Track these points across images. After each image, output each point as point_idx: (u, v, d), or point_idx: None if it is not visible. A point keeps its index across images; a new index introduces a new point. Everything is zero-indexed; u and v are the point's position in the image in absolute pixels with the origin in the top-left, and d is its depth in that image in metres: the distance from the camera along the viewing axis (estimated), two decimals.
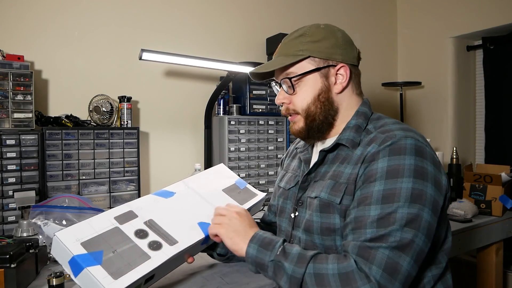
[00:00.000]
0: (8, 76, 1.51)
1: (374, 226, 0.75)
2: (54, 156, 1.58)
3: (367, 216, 0.77)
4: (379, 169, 0.80)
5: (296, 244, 0.94)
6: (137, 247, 0.86)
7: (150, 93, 2.05)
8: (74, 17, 1.85)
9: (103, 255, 0.81)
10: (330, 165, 0.93)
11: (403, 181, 0.77)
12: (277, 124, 2.16)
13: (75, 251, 0.79)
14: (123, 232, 0.88)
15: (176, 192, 1.07)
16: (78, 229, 0.85)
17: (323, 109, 0.92)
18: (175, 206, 1.02)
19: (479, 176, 1.90)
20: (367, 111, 0.95)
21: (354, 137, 0.90)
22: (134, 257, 0.83)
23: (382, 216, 0.76)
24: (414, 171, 0.78)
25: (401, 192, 0.76)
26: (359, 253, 0.74)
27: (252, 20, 2.39)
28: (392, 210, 0.75)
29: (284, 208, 1.03)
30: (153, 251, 0.87)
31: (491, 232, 1.81)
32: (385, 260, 0.72)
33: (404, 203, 0.75)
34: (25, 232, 1.40)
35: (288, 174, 1.08)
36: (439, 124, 2.83)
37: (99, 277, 0.76)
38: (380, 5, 3.04)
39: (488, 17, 2.50)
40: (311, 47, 0.91)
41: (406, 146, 0.80)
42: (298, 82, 0.93)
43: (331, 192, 0.87)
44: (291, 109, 0.95)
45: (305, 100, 0.93)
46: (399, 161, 0.79)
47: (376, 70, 2.96)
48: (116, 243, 0.85)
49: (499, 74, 2.61)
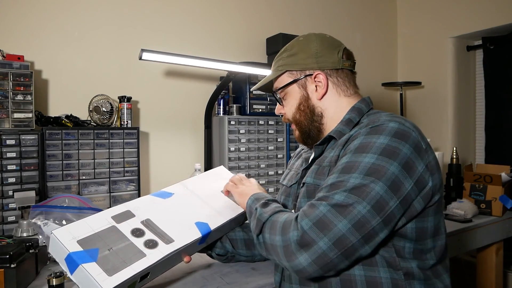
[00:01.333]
0: (8, 76, 1.51)
1: (326, 191, 0.79)
2: (54, 156, 1.58)
3: (324, 183, 0.82)
4: (352, 145, 0.83)
5: None
6: (132, 245, 0.87)
7: (150, 93, 2.05)
8: (74, 17, 1.85)
9: (99, 253, 0.82)
10: None
11: (367, 156, 0.79)
12: (277, 124, 2.16)
13: (71, 248, 0.81)
14: (120, 230, 0.90)
15: (174, 193, 1.08)
16: (75, 227, 0.86)
17: (306, 117, 0.99)
18: (173, 207, 1.03)
19: (479, 176, 1.90)
20: (363, 107, 0.96)
21: (342, 129, 0.93)
22: (130, 255, 0.85)
23: (334, 182, 0.79)
24: (382, 149, 0.78)
25: (360, 165, 0.78)
26: (304, 209, 0.79)
27: (252, 20, 2.39)
28: (344, 179, 0.78)
29: (285, 206, 1.04)
30: (149, 249, 0.88)
31: (491, 232, 1.81)
32: (320, 216, 0.75)
33: (358, 175, 0.77)
34: (25, 232, 1.40)
35: (291, 172, 1.11)
36: (439, 124, 2.83)
37: (94, 273, 0.78)
38: (380, 5, 3.04)
39: (488, 17, 2.50)
40: (288, 61, 0.99)
41: (385, 127, 0.81)
42: (283, 95, 1.02)
43: (316, 176, 0.91)
44: (286, 119, 1.04)
45: (290, 111, 1.02)
46: (372, 139, 0.81)
47: (376, 70, 2.96)
48: (112, 241, 0.86)
49: (499, 74, 2.61)
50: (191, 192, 1.11)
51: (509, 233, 1.90)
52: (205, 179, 1.20)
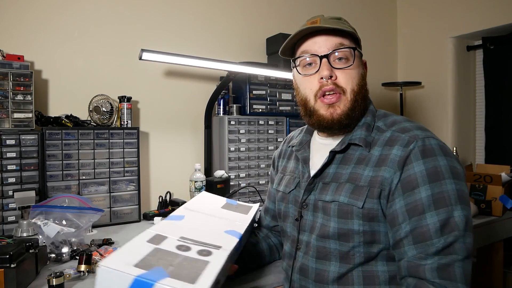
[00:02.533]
0: (8, 76, 1.51)
1: (439, 235, 0.74)
2: (54, 156, 1.58)
3: (425, 225, 0.75)
4: (418, 173, 0.78)
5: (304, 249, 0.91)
6: (189, 258, 0.79)
7: (150, 93, 2.05)
8: (74, 17, 1.85)
9: (164, 269, 0.72)
10: (340, 165, 0.89)
11: (446, 182, 0.77)
12: (277, 124, 2.16)
13: (135, 272, 0.70)
14: (166, 250, 0.80)
15: (184, 215, 1.01)
16: (119, 256, 0.74)
17: (365, 94, 0.89)
18: (194, 224, 0.97)
19: (479, 176, 1.90)
20: (373, 109, 0.94)
21: (366, 136, 0.87)
22: (194, 265, 0.76)
23: (442, 222, 0.75)
24: (451, 172, 0.78)
25: (450, 194, 0.76)
26: (440, 275, 0.73)
27: (252, 20, 2.39)
28: (449, 215, 0.75)
29: (287, 213, 1.00)
30: (207, 256, 0.79)
31: (491, 232, 1.80)
32: (463, 273, 0.75)
33: (456, 205, 0.76)
34: (25, 232, 1.41)
35: (286, 177, 1.04)
36: (439, 124, 2.83)
37: (177, 285, 0.68)
38: (380, 5, 3.04)
39: (488, 17, 2.50)
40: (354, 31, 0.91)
41: (433, 147, 0.80)
42: (346, 57, 0.87)
43: (352, 196, 0.83)
44: (339, 85, 0.86)
45: (355, 79, 0.87)
46: (434, 162, 0.78)
47: (376, 70, 2.96)
48: (167, 260, 0.76)
49: (499, 74, 2.61)
50: (197, 212, 1.05)
51: (509, 233, 1.89)
52: (199, 201, 1.14)
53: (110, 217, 1.68)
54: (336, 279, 0.84)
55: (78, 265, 1.06)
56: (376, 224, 0.82)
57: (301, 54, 0.90)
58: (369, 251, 0.83)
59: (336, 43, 0.87)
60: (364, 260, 0.83)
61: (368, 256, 0.83)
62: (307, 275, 0.89)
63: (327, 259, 0.86)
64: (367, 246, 0.83)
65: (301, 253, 0.92)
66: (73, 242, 1.23)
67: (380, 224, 0.82)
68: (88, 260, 1.07)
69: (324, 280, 0.86)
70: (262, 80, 2.13)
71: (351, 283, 0.83)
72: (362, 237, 0.82)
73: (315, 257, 0.88)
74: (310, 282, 0.88)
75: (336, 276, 0.84)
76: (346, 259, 0.84)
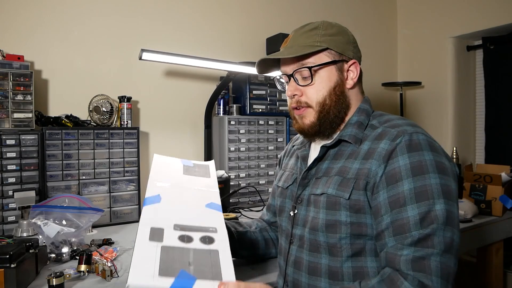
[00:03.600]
0: (8, 76, 1.51)
1: (419, 228, 0.75)
2: (54, 156, 1.58)
3: (406, 218, 0.77)
4: (402, 166, 0.79)
5: (297, 242, 0.94)
6: (198, 250, 0.81)
7: (150, 93, 2.05)
8: (74, 17, 1.85)
9: (187, 271, 0.74)
10: (332, 161, 0.92)
11: (430, 177, 0.78)
12: (277, 124, 2.16)
13: (167, 284, 0.71)
14: (172, 246, 0.81)
15: (159, 194, 1.00)
16: (140, 269, 0.74)
17: (338, 103, 0.92)
18: (175, 206, 1.00)
19: (479, 176, 1.90)
20: (368, 109, 0.95)
21: (356, 133, 0.90)
22: (208, 258, 0.79)
23: (422, 215, 0.76)
24: (436, 167, 0.79)
25: (432, 188, 0.77)
26: (415, 267, 0.74)
27: (252, 20, 2.39)
28: (430, 208, 0.76)
29: (283, 207, 1.02)
30: (211, 244, 0.83)
31: (491, 232, 1.80)
32: (440, 267, 0.73)
33: (438, 199, 0.77)
34: (25, 232, 1.41)
35: (286, 173, 1.08)
36: (439, 124, 2.83)
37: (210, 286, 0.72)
38: (380, 5, 3.04)
39: (488, 17, 2.50)
40: (328, 40, 0.91)
41: (420, 141, 0.81)
42: (314, 73, 0.91)
43: (339, 187, 0.86)
44: (303, 101, 0.92)
45: (320, 92, 0.91)
46: (420, 157, 0.79)
47: (376, 70, 2.96)
48: (181, 259, 0.78)
49: (499, 74, 2.61)
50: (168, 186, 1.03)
51: (509, 233, 1.89)
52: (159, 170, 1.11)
53: (110, 217, 1.68)
54: (328, 274, 0.86)
55: (78, 265, 1.06)
56: (363, 215, 0.84)
57: (280, 74, 0.99)
58: (356, 243, 0.85)
59: (297, 65, 0.92)
60: (352, 253, 0.85)
61: (356, 249, 0.85)
62: (301, 268, 0.91)
63: (319, 251, 0.88)
64: (354, 238, 0.84)
65: (295, 246, 0.95)
66: (73, 242, 1.23)
67: (366, 216, 0.84)
68: (88, 260, 1.07)
69: (317, 273, 0.88)
70: (262, 80, 2.13)
71: (341, 279, 0.85)
72: (349, 229, 0.84)
73: (308, 249, 0.91)
74: (303, 275, 0.90)
75: (327, 269, 0.86)
76: (334, 251, 0.86)
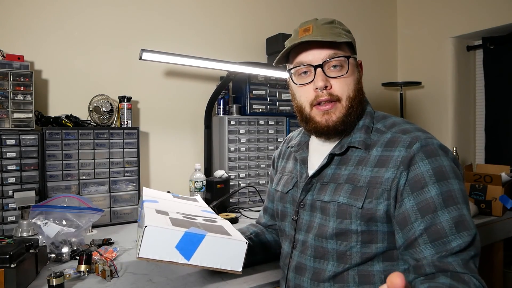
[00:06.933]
0: (8, 76, 1.51)
1: (455, 232, 0.76)
2: (54, 156, 1.58)
3: (439, 223, 0.76)
4: (425, 172, 0.79)
5: (299, 248, 0.92)
6: (204, 223, 0.86)
7: (150, 93, 2.05)
8: (74, 17, 1.85)
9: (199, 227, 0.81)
10: (338, 166, 0.89)
11: (452, 182, 0.79)
12: (277, 124, 2.16)
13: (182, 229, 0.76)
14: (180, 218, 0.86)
15: (156, 200, 1.03)
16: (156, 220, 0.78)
17: (361, 98, 0.90)
18: (171, 206, 1.02)
19: (479, 176, 1.90)
20: (371, 111, 0.94)
21: (365, 138, 0.88)
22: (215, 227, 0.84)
23: (455, 220, 0.76)
24: (454, 172, 0.81)
25: (456, 193, 0.78)
26: (468, 267, 0.75)
27: (252, 20, 2.39)
28: (459, 213, 0.77)
29: (285, 213, 1.00)
30: (215, 223, 0.88)
31: (491, 232, 1.80)
32: (477, 267, 0.76)
33: (462, 204, 0.78)
34: (25, 232, 1.41)
35: (284, 177, 1.05)
36: (439, 124, 2.83)
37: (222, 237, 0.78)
38: (380, 5, 3.04)
39: (488, 17, 2.50)
40: (348, 35, 0.90)
41: (435, 147, 0.82)
42: (339, 66, 0.87)
43: (351, 196, 0.84)
44: (335, 94, 0.87)
45: (350, 85, 0.87)
46: (439, 162, 0.80)
47: (376, 70, 2.96)
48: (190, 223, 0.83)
49: (499, 74, 2.61)
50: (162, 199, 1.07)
51: (509, 233, 1.89)
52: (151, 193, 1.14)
53: (110, 217, 1.68)
54: (332, 277, 0.85)
55: (78, 265, 1.06)
56: (374, 224, 0.83)
57: (296, 64, 0.90)
58: (367, 251, 0.83)
59: (329, 53, 0.86)
60: (361, 260, 0.84)
61: (366, 256, 0.84)
62: (303, 273, 0.90)
63: (325, 258, 0.87)
64: (364, 246, 0.83)
65: (297, 252, 0.93)
66: (73, 242, 1.23)
67: (378, 224, 0.83)
68: (88, 260, 1.07)
69: (320, 279, 0.87)
70: (262, 80, 2.13)
71: (346, 282, 0.84)
72: (360, 237, 0.83)
73: (313, 256, 0.89)
74: (305, 281, 0.89)
75: (332, 274, 0.85)
76: (343, 258, 0.85)
